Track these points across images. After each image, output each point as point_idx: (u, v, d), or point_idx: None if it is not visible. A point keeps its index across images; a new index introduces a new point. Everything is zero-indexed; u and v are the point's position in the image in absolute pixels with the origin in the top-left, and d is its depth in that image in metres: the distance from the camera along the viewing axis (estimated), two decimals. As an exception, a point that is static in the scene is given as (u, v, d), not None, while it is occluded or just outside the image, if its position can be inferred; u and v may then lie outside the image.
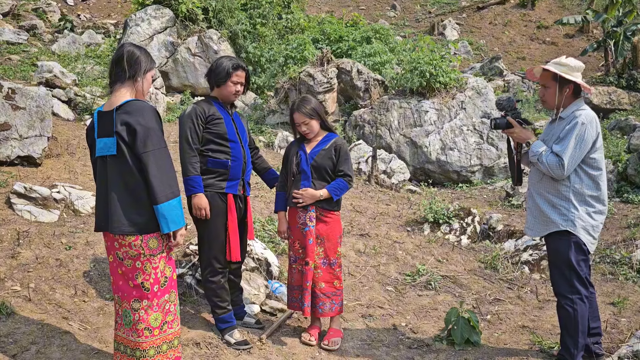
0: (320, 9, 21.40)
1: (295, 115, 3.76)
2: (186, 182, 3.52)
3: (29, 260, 4.21)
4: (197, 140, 3.54)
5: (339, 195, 3.73)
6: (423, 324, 4.30)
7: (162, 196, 2.73)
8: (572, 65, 3.36)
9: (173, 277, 2.95)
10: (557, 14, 21.04)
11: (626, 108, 13.14)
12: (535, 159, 3.35)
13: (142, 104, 2.81)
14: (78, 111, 8.45)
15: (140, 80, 2.89)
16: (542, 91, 3.48)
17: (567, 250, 3.34)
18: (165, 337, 2.91)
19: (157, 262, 2.84)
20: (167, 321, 2.91)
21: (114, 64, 2.89)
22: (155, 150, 2.75)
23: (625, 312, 4.49)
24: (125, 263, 2.84)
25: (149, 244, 2.81)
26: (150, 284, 2.83)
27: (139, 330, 2.83)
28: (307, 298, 3.70)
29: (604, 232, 6.31)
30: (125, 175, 2.77)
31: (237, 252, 3.67)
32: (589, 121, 3.28)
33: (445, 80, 9.68)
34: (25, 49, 12.64)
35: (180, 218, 2.81)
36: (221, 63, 3.65)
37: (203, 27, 12.29)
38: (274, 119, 10.68)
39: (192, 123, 3.53)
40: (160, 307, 2.87)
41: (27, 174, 5.75)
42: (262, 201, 6.45)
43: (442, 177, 9.38)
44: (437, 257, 5.66)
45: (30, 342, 3.29)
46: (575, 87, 3.37)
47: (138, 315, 2.83)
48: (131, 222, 2.76)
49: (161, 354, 2.89)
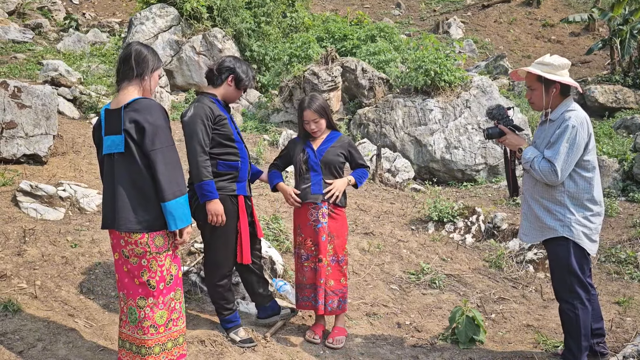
0: (324, 7, 21.38)
1: (306, 113, 3.76)
2: (201, 187, 3.37)
3: (35, 257, 4.23)
4: (208, 143, 3.41)
5: (362, 182, 3.89)
6: (427, 322, 4.30)
7: (170, 194, 2.75)
8: (555, 64, 3.27)
9: (179, 274, 2.96)
10: (562, 12, 20.94)
11: (632, 107, 13.07)
12: (528, 165, 3.28)
13: (150, 102, 2.82)
14: (83, 110, 8.48)
15: (147, 79, 2.90)
16: (529, 93, 3.40)
17: (567, 255, 3.29)
18: (170, 335, 2.92)
19: (162, 260, 2.85)
20: (173, 319, 2.92)
21: (121, 63, 2.91)
22: (164, 148, 2.76)
23: (630, 311, 4.47)
24: (131, 261, 2.85)
25: (155, 242, 2.82)
26: (156, 281, 2.84)
27: (144, 328, 2.84)
28: (321, 295, 3.71)
29: (610, 231, 6.29)
30: (133, 172, 2.78)
31: (248, 255, 3.63)
32: (580, 123, 3.19)
33: (450, 79, 9.65)
34: (31, 47, 12.69)
35: (187, 216, 2.83)
36: (247, 69, 3.62)
37: (207, 25, 12.30)
38: (278, 117, 10.68)
39: (202, 125, 3.37)
40: (165, 304, 2.88)
41: (33, 172, 5.78)
42: (266, 199, 6.46)
43: (446, 175, 9.37)
44: (442, 255, 5.65)
45: (36, 339, 3.30)
46: (563, 86, 3.28)
47: (144, 312, 2.84)
48: (138, 220, 2.77)
49: (166, 352, 2.91)
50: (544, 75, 3.25)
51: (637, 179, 8.10)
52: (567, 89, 3.32)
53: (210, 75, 3.63)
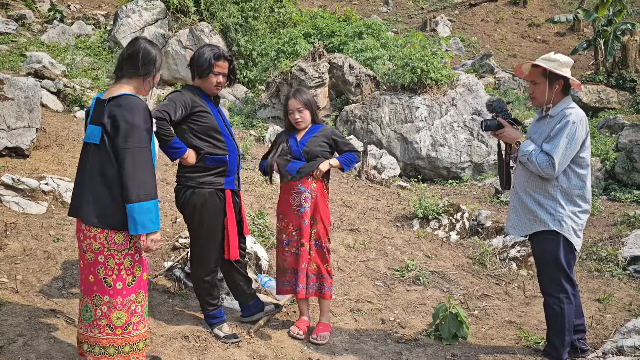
0: (312, 3, 21.33)
1: (291, 102, 3.77)
2: (167, 148, 3.29)
3: (16, 252, 4.17)
4: (171, 116, 3.26)
5: (349, 166, 3.83)
6: (411, 318, 4.33)
7: (134, 195, 2.65)
8: (561, 61, 3.35)
9: (143, 277, 2.86)
10: (548, 12, 21.15)
11: (615, 107, 13.26)
12: (525, 158, 3.33)
13: (135, 101, 2.75)
14: (67, 102, 8.36)
15: (149, 81, 2.85)
16: (532, 88, 3.46)
17: (556, 249, 3.34)
18: (128, 339, 2.81)
19: (121, 258, 2.76)
20: (133, 322, 2.81)
21: (126, 58, 2.83)
22: (135, 148, 2.68)
23: (610, 308, 4.54)
24: (87, 256, 2.77)
25: (115, 239, 2.73)
26: (113, 280, 2.75)
27: (100, 326, 2.76)
28: (303, 280, 3.72)
29: (592, 229, 6.38)
30: (104, 166, 2.72)
31: (236, 251, 3.61)
32: (580, 120, 3.28)
33: (436, 77, 9.70)
34: (14, 39, 12.48)
35: (152, 223, 2.70)
36: (203, 53, 3.46)
37: (195, 19, 12.22)
38: (265, 112, 10.65)
39: (172, 102, 3.31)
40: (124, 306, 2.79)
41: (15, 166, 5.69)
42: (252, 195, 6.44)
43: (432, 173, 9.42)
44: (426, 252, 5.69)
45: (17, 334, 3.26)
46: (565, 84, 3.37)
47: (100, 311, 2.75)
48: (100, 215, 2.70)
49: (122, 355, 2.80)
50: (550, 69, 3.31)
51: (619, 178, 8.23)
52: (568, 87, 3.40)
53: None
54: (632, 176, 8.01)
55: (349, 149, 3.86)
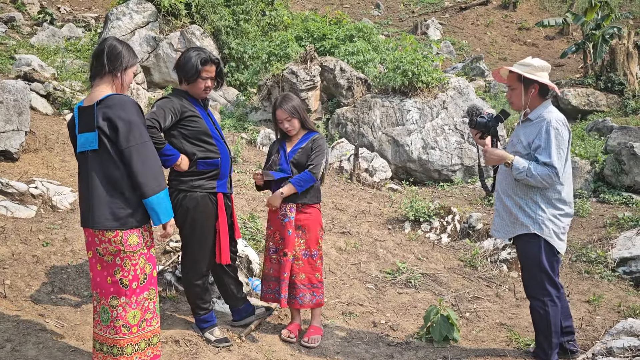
0: (304, 6, 21.35)
1: (279, 112, 3.76)
2: (160, 155, 3.20)
3: (4, 256, 4.14)
4: (161, 124, 3.24)
5: (304, 187, 3.68)
6: (403, 321, 4.33)
7: (150, 190, 2.74)
8: (536, 65, 3.39)
9: (153, 274, 2.93)
10: (538, 15, 21.30)
11: (604, 110, 13.36)
12: (523, 175, 3.30)
13: (123, 98, 2.78)
14: (57, 105, 8.30)
15: (119, 76, 2.86)
16: (509, 93, 3.51)
17: (537, 252, 3.36)
18: (143, 335, 2.89)
19: (136, 258, 2.82)
20: (146, 319, 2.89)
21: (94, 58, 2.86)
22: (139, 144, 2.74)
23: (600, 309, 4.58)
24: (105, 259, 2.82)
25: (129, 240, 2.79)
26: (129, 280, 2.81)
27: (117, 327, 2.81)
28: (285, 289, 3.71)
29: (581, 231, 6.42)
30: (107, 169, 2.75)
31: (227, 255, 3.60)
32: (560, 123, 3.31)
33: (427, 80, 9.72)
34: (3, 41, 12.39)
35: (169, 210, 2.85)
36: (189, 58, 3.43)
37: (186, 22, 12.18)
38: (256, 116, 10.64)
39: (162, 110, 3.28)
40: (139, 304, 2.85)
41: (4, 169, 5.64)
42: (243, 198, 6.43)
43: (423, 175, 9.44)
44: (418, 255, 5.70)
45: (5, 340, 3.23)
46: (542, 88, 3.39)
47: (116, 312, 2.81)
48: (111, 218, 2.75)
49: (139, 352, 2.87)
50: (523, 75, 3.34)
51: (608, 180, 8.30)
52: (545, 90, 3.41)
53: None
54: (621, 178, 8.08)
55: (311, 164, 3.71)
